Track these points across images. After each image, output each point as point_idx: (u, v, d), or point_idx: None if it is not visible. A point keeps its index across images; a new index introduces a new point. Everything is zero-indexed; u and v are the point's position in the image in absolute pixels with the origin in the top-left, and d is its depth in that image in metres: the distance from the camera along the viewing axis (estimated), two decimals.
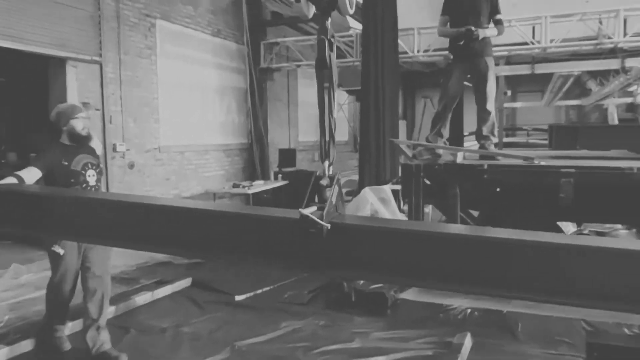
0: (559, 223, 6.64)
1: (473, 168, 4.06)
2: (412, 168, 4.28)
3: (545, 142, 11.97)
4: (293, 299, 4.99)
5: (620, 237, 6.93)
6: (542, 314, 4.35)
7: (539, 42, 9.99)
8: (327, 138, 2.49)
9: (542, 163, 4.01)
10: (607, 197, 4.08)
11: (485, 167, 4.05)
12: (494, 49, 11.27)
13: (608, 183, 3.81)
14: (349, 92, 12.56)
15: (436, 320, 4.41)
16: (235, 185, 8.90)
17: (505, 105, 15.86)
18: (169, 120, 8.31)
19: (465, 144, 12.58)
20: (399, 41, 9.98)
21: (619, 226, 6.97)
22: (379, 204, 7.73)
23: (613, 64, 10.33)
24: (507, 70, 11.58)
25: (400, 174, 5.13)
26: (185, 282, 5.48)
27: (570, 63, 10.83)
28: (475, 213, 5.00)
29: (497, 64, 12.13)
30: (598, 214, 4.44)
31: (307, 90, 12.84)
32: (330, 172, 2.19)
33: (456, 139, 14.21)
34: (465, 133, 16.21)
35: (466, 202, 4.57)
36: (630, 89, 17.13)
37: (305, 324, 4.36)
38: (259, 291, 5.22)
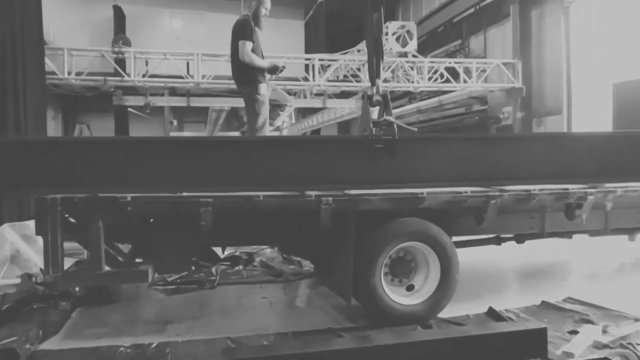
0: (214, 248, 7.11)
1: (115, 200, 3.93)
2: (47, 202, 3.87)
3: None
4: None
5: (266, 254, 7.84)
6: (192, 339, 4.49)
7: (192, 76, 10.64)
8: (377, 58, 2.88)
9: (184, 193, 4.17)
10: (242, 222, 4.55)
11: (129, 199, 3.97)
12: (156, 79, 11.51)
13: (241, 209, 4.22)
14: None
15: None
16: None
17: (172, 134, 16.41)
18: None
19: None
20: (47, 60, 9.12)
21: (265, 246, 7.85)
22: (21, 242, 6.78)
23: None
24: (165, 101, 11.91)
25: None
26: None
27: (220, 99, 11.84)
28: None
29: (161, 94, 12.54)
30: (237, 238, 4.90)
31: None
32: (381, 89, 2.63)
33: None
34: None
35: (112, 236, 4.41)
36: (278, 123, 19.87)
37: None
38: None
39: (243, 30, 5.55)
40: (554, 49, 14.07)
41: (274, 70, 5.54)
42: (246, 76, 5.65)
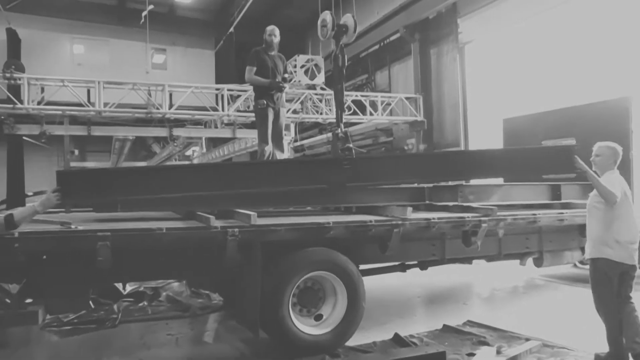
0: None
1: (0, 237, 3.63)
2: None
3: None
4: None
5: (172, 288, 7.54)
6: None
7: (94, 104, 10.17)
8: (341, 112, 5.72)
9: (80, 227, 3.95)
10: (145, 256, 4.37)
11: (16, 235, 3.68)
12: (53, 107, 10.88)
13: (143, 243, 4.05)
14: None
15: None
16: None
17: (73, 164, 15.49)
18: None
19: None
20: None
21: (171, 280, 7.55)
22: None
23: (162, 131, 11.49)
24: (63, 130, 11.26)
25: None
26: None
27: (124, 128, 11.40)
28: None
29: (60, 123, 11.83)
30: (140, 272, 4.68)
31: None
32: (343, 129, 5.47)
33: (16, 200, 12.79)
34: (29, 193, 14.79)
35: None
36: (188, 153, 19.46)
37: None
38: None
39: (247, 59, 6.93)
40: (451, 85, 15.06)
41: (273, 86, 6.71)
42: (254, 94, 7.07)
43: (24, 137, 13.09)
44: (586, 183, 7.41)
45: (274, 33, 7.07)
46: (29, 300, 4.39)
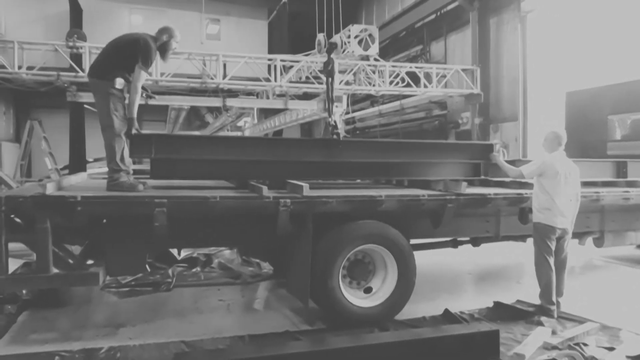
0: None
1: (64, 200, 3.78)
2: None
3: None
4: None
5: (224, 256, 7.73)
6: (145, 343, 4.35)
7: (151, 74, 10.37)
8: (331, 101, 5.74)
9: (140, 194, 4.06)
10: (199, 224, 4.46)
11: (79, 198, 3.82)
12: None
13: (197, 211, 4.13)
14: None
15: None
16: None
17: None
18: None
19: (90, 171, 11.88)
20: None
21: (223, 248, 7.74)
22: None
23: (216, 101, 11.60)
24: None
25: None
26: None
27: (178, 97, 11.58)
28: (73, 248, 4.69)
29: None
30: (194, 239, 4.79)
31: None
32: (334, 119, 5.54)
33: (78, 165, 13.39)
34: (90, 159, 15.44)
35: (62, 237, 4.25)
36: (240, 123, 19.68)
37: None
38: None
39: (147, 54, 4.78)
40: (511, 56, 14.44)
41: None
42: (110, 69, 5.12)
43: (85, 105, 13.56)
44: None
45: (178, 40, 5.15)
46: (90, 262, 4.58)
